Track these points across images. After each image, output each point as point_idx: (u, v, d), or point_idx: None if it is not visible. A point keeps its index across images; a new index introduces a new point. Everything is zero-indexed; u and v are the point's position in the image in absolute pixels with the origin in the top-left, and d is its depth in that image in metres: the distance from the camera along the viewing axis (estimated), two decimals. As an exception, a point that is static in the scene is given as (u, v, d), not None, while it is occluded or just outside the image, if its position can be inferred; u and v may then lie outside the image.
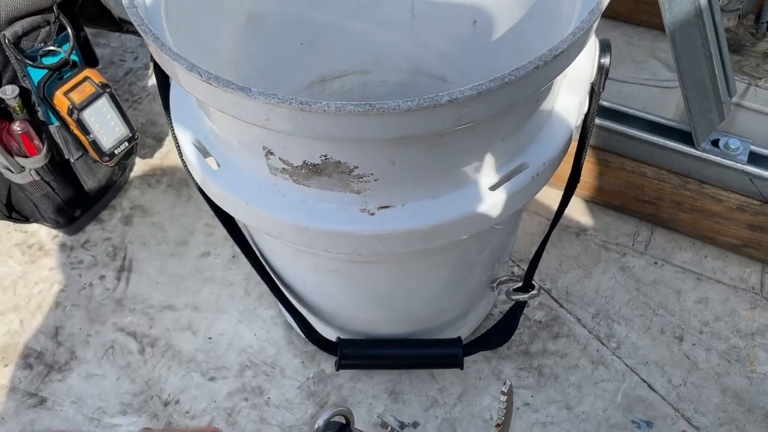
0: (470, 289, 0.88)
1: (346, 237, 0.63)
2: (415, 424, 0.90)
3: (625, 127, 1.02)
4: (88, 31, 1.02)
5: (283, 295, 0.90)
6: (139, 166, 1.21)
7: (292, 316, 0.91)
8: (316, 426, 0.70)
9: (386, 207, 0.62)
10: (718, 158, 0.97)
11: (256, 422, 0.91)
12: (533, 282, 0.86)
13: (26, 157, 0.92)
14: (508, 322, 0.90)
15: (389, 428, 0.83)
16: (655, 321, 1.00)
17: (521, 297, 0.86)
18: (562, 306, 1.02)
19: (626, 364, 0.96)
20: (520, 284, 0.86)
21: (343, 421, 0.75)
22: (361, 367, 0.92)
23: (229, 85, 0.50)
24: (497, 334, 0.91)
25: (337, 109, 0.48)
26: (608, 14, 1.45)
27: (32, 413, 0.92)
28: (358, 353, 0.88)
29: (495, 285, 0.90)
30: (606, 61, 0.68)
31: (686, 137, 0.99)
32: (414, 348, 0.88)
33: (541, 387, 0.94)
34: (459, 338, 0.89)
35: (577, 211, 1.14)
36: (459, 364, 0.87)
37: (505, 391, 0.68)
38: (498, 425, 0.70)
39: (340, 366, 0.87)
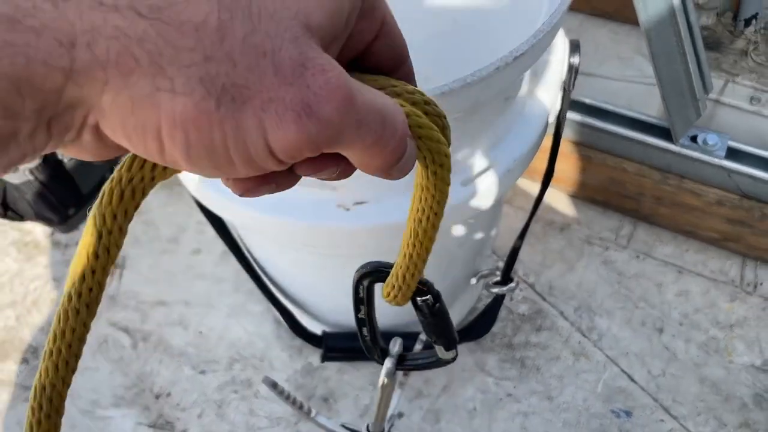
0: (451, 283, 0.90)
1: (323, 231, 0.65)
2: (400, 415, 0.93)
3: (607, 124, 1.04)
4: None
5: (269, 290, 0.92)
6: (133, 165, 1.24)
7: (278, 310, 0.93)
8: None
9: (361, 203, 0.65)
10: (697, 154, 0.99)
11: (245, 414, 0.93)
12: (512, 276, 0.88)
13: (20, 157, 0.95)
14: (487, 315, 0.93)
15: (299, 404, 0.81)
16: (636, 313, 1.03)
17: (500, 290, 0.88)
18: (545, 299, 1.05)
19: (607, 356, 0.98)
20: (498, 277, 0.88)
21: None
22: (345, 360, 0.95)
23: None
24: (477, 327, 0.93)
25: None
26: (595, 12, 1.47)
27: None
28: (341, 346, 0.90)
29: (476, 279, 0.92)
30: (575, 60, 0.70)
31: (666, 133, 1.01)
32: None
33: (524, 378, 0.96)
34: None
35: (561, 206, 1.16)
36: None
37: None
38: None
39: (325, 358, 0.89)
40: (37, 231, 1.15)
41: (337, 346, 0.92)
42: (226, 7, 0.19)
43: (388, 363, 0.54)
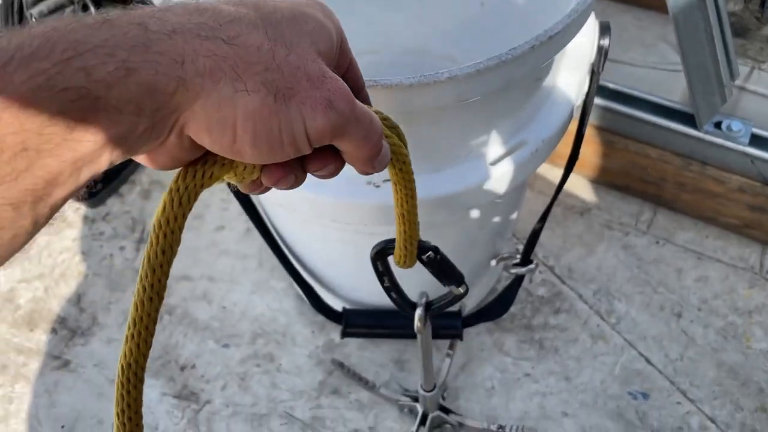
0: (472, 264, 0.91)
1: (353, 208, 0.66)
2: (418, 389, 0.94)
3: (630, 109, 1.04)
4: (107, 6, 1.06)
5: (293, 266, 0.94)
6: (158, 142, 1.26)
7: (301, 287, 0.95)
8: None
9: (389, 180, 0.66)
10: (720, 140, 0.99)
11: (267, 387, 0.95)
12: (532, 258, 0.89)
13: (51, 131, 0.97)
14: (506, 295, 0.94)
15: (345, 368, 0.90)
16: (655, 298, 1.03)
17: (519, 271, 0.89)
18: (564, 282, 1.05)
19: (625, 339, 0.99)
20: (518, 259, 0.89)
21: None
22: (364, 336, 0.96)
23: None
24: (495, 308, 0.95)
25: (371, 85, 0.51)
26: (619, -3, 1.46)
27: (57, 375, 0.98)
28: (361, 322, 0.92)
29: (496, 260, 0.94)
30: (605, 42, 0.70)
31: (690, 119, 1.01)
32: None
33: (542, 359, 0.97)
34: (459, 311, 0.92)
35: (582, 191, 1.17)
36: (459, 335, 0.90)
37: None
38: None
39: (344, 334, 0.91)
40: (65, 206, 1.17)
41: (357, 323, 0.93)
42: (271, 38, 0.29)
43: (419, 311, 0.65)
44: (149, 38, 0.25)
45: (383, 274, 0.54)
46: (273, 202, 0.76)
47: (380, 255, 0.51)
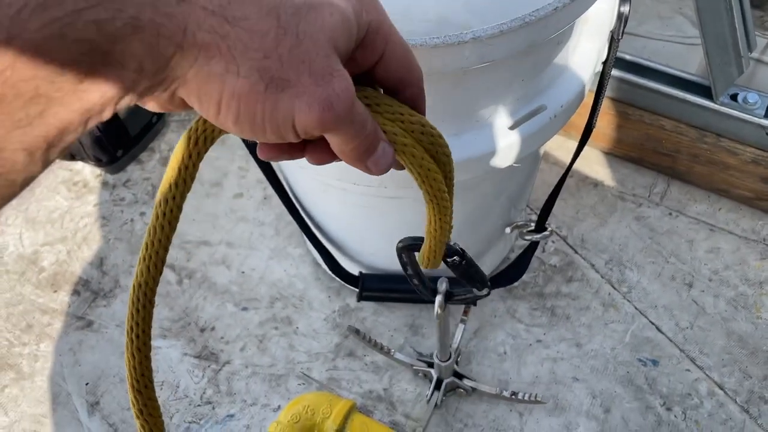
0: (486, 232, 0.93)
1: (374, 170, 0.68)
2: (433, 356, 0.97)
3: (645, 80, 1.04)
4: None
5: (311, 230, 0.95)
6: (176, 111, 1.27)
7: (318, 251, 0.97)
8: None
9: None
10: (736, 112, 1.00)
11: (285, 349, 0.98)
12: (546, 225, 0.90)
13: (74, 96, 0.98)
14: (520, 262, 0.96)
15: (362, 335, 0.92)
16: (666, 268, 1.05)
17: (534, 237, 0.90)
18: (576, 252, 1.07)
19: (636, 308, 1.01)
20: (532, 227, 0.90)
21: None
22: (380, 300, 0.98)
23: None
24: (508, 275, 0.96)
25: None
26: (637, -30, 1.45)
27: (80, 334, 1.00)
28: (377, 286, 0.94)
29: (510, 229, 0.95)
30: (625, 9, 0.71)
31: (705, 91, 1.01)
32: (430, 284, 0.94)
33: (553, 326, 0.99)
34: None
35: (596, 162, 1.18)
36: (472, 301, 0.92)
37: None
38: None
39: (360, 297, 0.93)
40: (86, 171, 1.19)
41: (373, 287, 0.95)
42: (282, 27, 0.28)
43: (439, 298, 0.67)
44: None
45: (407, 264, 0.55)
46: (293, 163, 0.78)
47: (405, 250, 0.52)
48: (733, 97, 1.01)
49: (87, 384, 0.95)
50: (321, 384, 0.94)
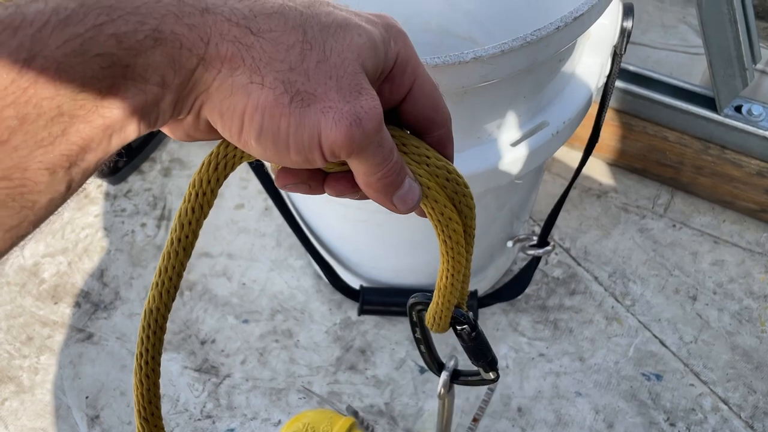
0: (489, 243, 0.92)
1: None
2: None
3: (649, 92, 1.04)
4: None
5: (311, 244, 0.95)
6: (178, 121, 1.27)
7: (319, 265, 0.96)
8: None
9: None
10: (741, 124, 0.99)
11: (285, 362, 0.97)
12: (548, 240, 0.90)
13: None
14: (522, 277, 0.95)
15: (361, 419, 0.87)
16: (670, 281, 1.04)
17: (536, 252, 0.90)
18: (579, 264, 1.06)
19: (639, 321, 1.00)
20: (535, 241, 0.90)
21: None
22: (380, 313, 0.98)
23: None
24: (511, 289, 0.96)
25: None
26: (640, -21, 1.45)
27: (81, 347, 1.00)
28: (378, 300, 0.93)
29: (512, 242, 0.94)
30: (628, 24, 0.70)
31: (709, 103, 1.01)
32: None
33: (556, 339, 0.98)
34: (475, 291, 0.93)
35: (599, 173, 1.17)
36: (474, 315, 0.91)
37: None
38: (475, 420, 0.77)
39: (361, 311, 0.93)
40: (87, 182, 1.19)
41: (374, 300, 0.95)
42: (308, 41, 0.28)
43: (444, 375, 0.61)
44: (182, 10, 0.25)
45: (416, 324, 0.52)
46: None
47: (416, 307, 0.49)
48: (738, 109, 1.00)
49: (87, 397, 0.95)
50: (322, 398, 0.94)
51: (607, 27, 0.72)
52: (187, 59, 0.25)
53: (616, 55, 0.73)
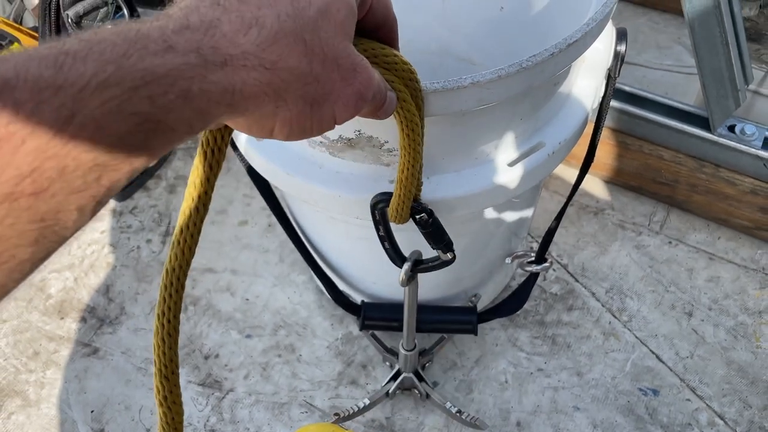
0: (488, 260, 0.94)
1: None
2: (434, 384, 0.97)
3: (644, 111, 1.06)
4: (138, 8, 1.09)
5: (314, 260, 0.97)
6: (183, 139, 1.29)
7: (321, 280, 0.98)
8: None
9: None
10: (734, 143, 1.01)
11: (288, 377, 0.99)
12: (546, 256, 0.91)
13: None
14: (521, 293, 0.97)
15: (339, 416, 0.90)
16: (666, 297, 1.06)
17: (534, 268, 0.92)
18: (577, 280, 1.08)
19: (636, 337, 1.01)
20: (533, 257, 0.91)
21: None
22: (381, 329, 0.99)
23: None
24: (510, 304, 0.97)
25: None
26: (636, 1, 1.48)
27: (86, 361, 1.02)
28: (379, 315, 0.95)
29: (511, 259, 0.96)
30: (622, 48, 0.73)
31: (703, 122, 1.03)
32: (432, 314, 0.94)
33: (554, 354, 1.00)
34: (474, 306, 0.95)
35: (596, 191, 1.19)
36: (473, 331, 0.93)
37: None
38: None
39: (362, 326, 0.94)
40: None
41: (375, 316, 0.96)
42: (309, 48, 0.32)
43: (407, 265, 0.68)
44: (206, 68, 0.28)
45: (379, 222, 0.59)
46: (298, 197, 0.79)
47: (378, 205, 0.56)
48: (731, 129, 1.02)
49: (92, 411, 0.96)
50: (323, 412, 0.95)
51: (601, 51, 0.75)
52: (216, 109, 0.29)
53: (611, 78, 0.75)
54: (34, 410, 0.97)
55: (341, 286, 1.01)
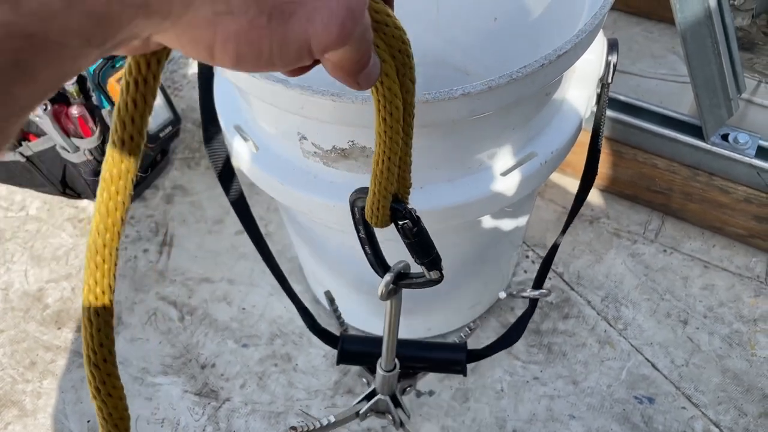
0: (484, 267, 0.94)
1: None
2: (431, 393, 0.98)
3: (639, 121, 1.07)
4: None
5: (286, 282, 0.90)
6: (180, 149, 1.30)
7: (299, 310, 0.90)
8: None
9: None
10: (727, 152, 1.02)
11: (284, 386, 0.99)
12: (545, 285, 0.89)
13: (81, 138, 1.01)
14: (519, 324, 0.88)
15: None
16: (661, 305, 1.06)
17: (531, 294, 0.88)
18: (573, 289, 1.08)
19: (632, 345, 1.02)
20: (527, 292, 0.87)
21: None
22: (360, 364, 0.85)
23: (270, 78, 0.57)
24: (509, 337, 0.88)
25: (363, 100, 0.55)
26: (630, 10, 1.49)
27: (83, 371, 1.02)
28: (357, 350, 0.82)
29: (505, 294, 0.89)
30: (613, 58, 0.73)
31: (697, 131, 1.04)
32: (415, 349, 0.82)
33: (550, 363, 1.00)
34: (464, 343, 0.84)
35: (591, 199, 1.20)
36: (462, 371, 0.81)
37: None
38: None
39: (340, 361, 0.82)
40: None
41: (353, 350, 0.82)
42: None
43: (388, 277, 0.55)
44: None
45: (359, 222, 0.48)
46: (292, 207, 0.80)
47: (358, 202, 0.46)
48: (725, 137, 1.03)
49: (89, 421, 0.96)
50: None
51: (593, 61, 0.75)
52: (119, 12, 0.20)
53: (604, 87, 0.76)
54: (31, 420, 0.97)
55: (338, 299, 1.00)
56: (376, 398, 0.81)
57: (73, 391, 1.00)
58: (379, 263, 0.52)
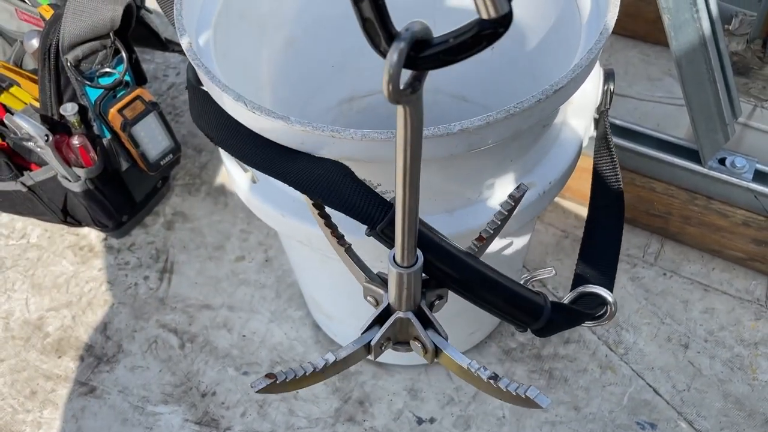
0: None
1: (369, 244, 0.70)
2: (432, 420, 0.97)
3: (636, 145, 1.07)
4: (136, 49, 1.11)
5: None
6: (181, 175, 1.31)
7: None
8: None
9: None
10: (725, 176, 1.02)
11: (285, 414, 0.98)
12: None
13: (82, 167, 1.02)
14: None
15: None
16: (662, 329, 1.06)
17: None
18: (573, 313, 1.08)
19: (633, 369, 1.02)
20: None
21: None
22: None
23: (271, 114, 0.58)
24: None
25: (362, 137, 0.56)
26: (627, 33, 1.51)
27: (83, 400, 1.01)
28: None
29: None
30: (610, 86, 0.74)
31: (694, 155, 1.04)
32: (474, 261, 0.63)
33: (551, 389, 1.00)
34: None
35: (591, 223, 1.20)
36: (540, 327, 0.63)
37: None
38: (482, 238, 0.54)
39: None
40: (92, 236, 1.22)
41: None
42: None
43: (397, 47, 0.29)
44: None
45: None
46: (293, 237, 0.80)
47: None
48: (722, 162, 1.03)
49: (89, 451, 0.96)
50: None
51: (590, 91, 0.76)
52: None
53: (602, 114, 0.76)
54: (31, 451, 0.97)
55: (335, 328, 1.01)
56: (392, 318, 0.53)
57: (73, 421, 0.99)
58: (384, 29, 0.28)
